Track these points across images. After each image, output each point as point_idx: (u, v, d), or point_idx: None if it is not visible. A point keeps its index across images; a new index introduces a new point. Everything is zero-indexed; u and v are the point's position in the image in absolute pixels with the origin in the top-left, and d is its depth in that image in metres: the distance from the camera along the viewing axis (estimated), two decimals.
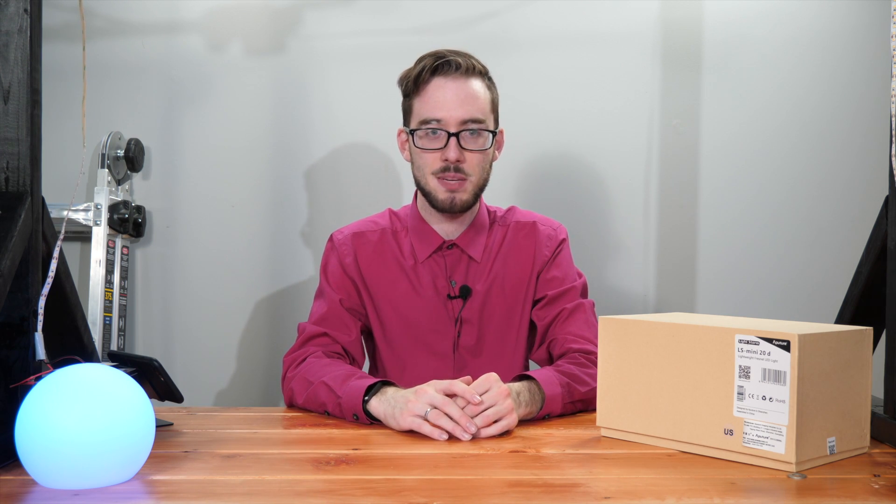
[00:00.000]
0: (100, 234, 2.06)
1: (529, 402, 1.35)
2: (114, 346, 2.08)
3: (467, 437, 1.23)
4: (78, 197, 2.13)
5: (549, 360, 1.59)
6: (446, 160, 1.54)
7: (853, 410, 1.13)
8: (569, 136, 2.18)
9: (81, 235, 2.15)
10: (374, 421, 1.34)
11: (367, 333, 1.67)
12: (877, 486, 1.01)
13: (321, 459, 1.13)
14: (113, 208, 2.08)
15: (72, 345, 1.34)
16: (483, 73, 1.60)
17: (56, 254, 1.28)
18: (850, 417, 1.12)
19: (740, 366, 1.09)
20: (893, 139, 1.21)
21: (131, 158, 2.11)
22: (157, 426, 1.09)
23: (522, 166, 2.18)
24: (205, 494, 0.98)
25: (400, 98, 1.64)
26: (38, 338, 1.22)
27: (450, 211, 1.58)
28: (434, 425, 1.24)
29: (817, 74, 2.17)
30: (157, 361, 1.28)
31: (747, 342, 1.08)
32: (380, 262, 1.63)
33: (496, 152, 1.64)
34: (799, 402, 1.05)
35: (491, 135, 1.58)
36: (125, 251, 2.14)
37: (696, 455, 1.14)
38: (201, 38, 2.18)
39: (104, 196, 2.07)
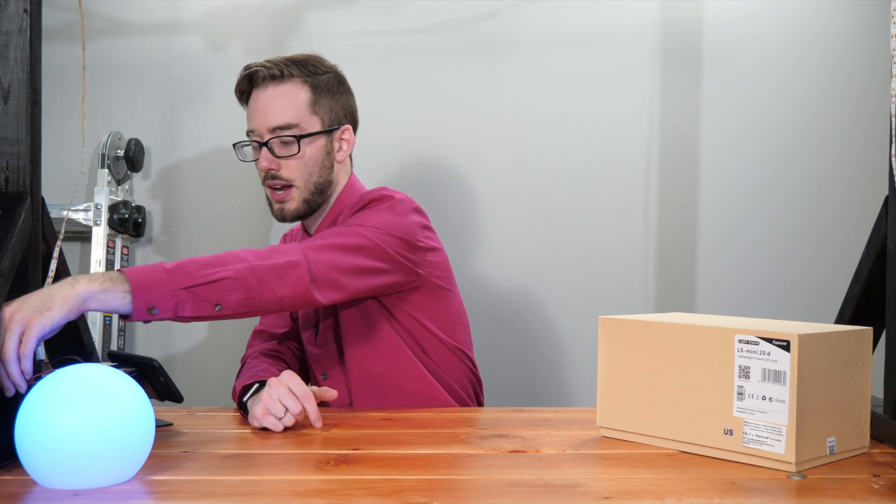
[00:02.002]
0: (100, 234, 2.06)
1: (97, 278, 1.18)
2: (114, 346, 2.08)
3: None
4: (78, 197, 2.13)
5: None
6: (262, 170, 1.54)
7: (853, 410, 1.13)
8: (568, 136, 2.18)
9: (81, 235, 2.15)
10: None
11: None
12: (877, 486, 1.00)
13: (321, 459, 1.13)
14: (113, 208, 2.08)
15: (72, 345, 1.34)
16: (305, 74, 1.53)
17: (56, 254, 1.28)
18: (850, 417, 1.12)
19: (740, 366, 1.09)
20: (893, 139, 1.21)
21: (131, 158, 2.11)
22: (157, 426, 1.08)
23: (521, 166, 2.18)
24: (205, 494, 0.98)
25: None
26: None
27: (283, 221, 1.57)
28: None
29: (818, 74, 2.17)
30: (157, 361, 1.28)
31: (747, 342, 1.08)
32: None
33: (337, 153, 1.57)
34: (799, 402, 1.05)
35: (303, 138, 1.51)
36: (125, 251, 2.14)
37: (696, 455, 1.14)
38: (201, 38, 2.18)
39: (104, 196, 2.07)
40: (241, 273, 1.27)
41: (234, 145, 1.59)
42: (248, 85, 1.55)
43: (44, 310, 1.12)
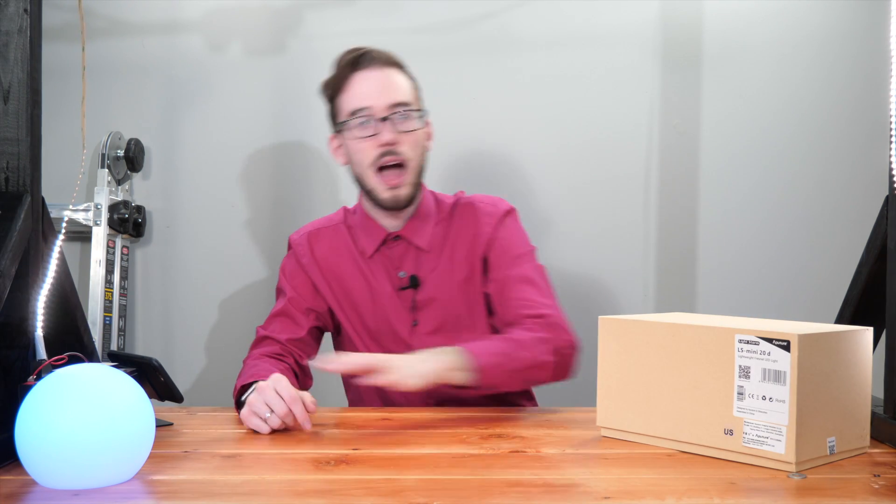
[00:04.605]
0: (100, 234, 2.06)
1: (444, 359, 1.36)
2: (114, 346, 2.08)
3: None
4: (78, 197, 2.13)
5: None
6: (382, 145, 1.53)
7: (853, 410, 1.13)
8: (569, 135, 2.18)
9: (81, 235, 2.15)
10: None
11: (336, 328, 1.68)
12: (877, 486, 1.01)
13: (321, 459, 1.13)
14: (113, 208, 2.08)
15: (72, 345, 1.34)
16: (402, 66, 1.60)
17: (56, 254, 1.28)
18: (850, 417, 1.13)
19: (740, 366, 1.09)
20: (893, 139, 1.21)
21: (131, 158, 2.11)
22: (157, 426, 1.09)
23: (522, 166, 2.18)
24: (205, 494, 0.98)
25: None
26: (39, 338, 1.22)
27: (395, 208, 1.57)
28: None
29: (818, 74, 2.17)
30: (156, 361, 1.29)
31: (747, 342, 1.08)
32: (336, 257, 1.64)
33: (427, 142, 1.62)
34: (799, 402, 1.05)
35: (420, 117, 1.58)
36: (125, 251, 2.14)
37: (696, 455, 1.14)
38: (201, 38, 2.18)
39: (104, 196, 2.07)
40: (537, 360, 1.47)
41: (340, 126, 1.58)
42: (351, 68, 1.56)
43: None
